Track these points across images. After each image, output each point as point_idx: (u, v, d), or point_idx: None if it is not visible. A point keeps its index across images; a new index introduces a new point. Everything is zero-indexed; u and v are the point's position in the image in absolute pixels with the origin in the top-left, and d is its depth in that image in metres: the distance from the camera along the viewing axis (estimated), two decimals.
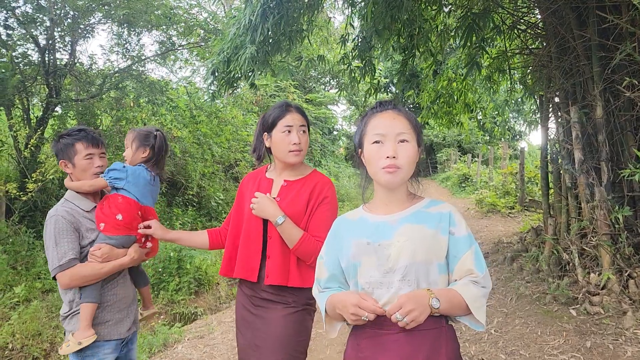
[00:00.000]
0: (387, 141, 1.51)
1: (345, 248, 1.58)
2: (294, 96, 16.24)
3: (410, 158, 1.53)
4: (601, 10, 4.61)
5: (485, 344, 3.92)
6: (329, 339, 4.56)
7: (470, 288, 1.47)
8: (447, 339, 1.50)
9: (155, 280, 6.76)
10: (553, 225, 5.57)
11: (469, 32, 5.21)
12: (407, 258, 1.46)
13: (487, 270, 1.53)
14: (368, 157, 1.56)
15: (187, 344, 4.90)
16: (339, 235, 1.65)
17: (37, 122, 8.53)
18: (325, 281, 1.65)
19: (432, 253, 1.49)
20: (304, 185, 2.22)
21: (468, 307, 1.45)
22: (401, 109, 1.59)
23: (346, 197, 16.42)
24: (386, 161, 1.50)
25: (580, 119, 4.95)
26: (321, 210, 2.18)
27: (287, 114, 2.23)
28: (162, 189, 10.53)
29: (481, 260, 1.52)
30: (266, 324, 2.16)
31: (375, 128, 1.54)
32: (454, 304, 1.45)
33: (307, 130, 2.29)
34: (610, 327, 3.75)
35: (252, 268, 2.19)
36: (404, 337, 1.46)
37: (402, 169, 1.51)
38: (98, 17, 9.29)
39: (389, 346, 1.48)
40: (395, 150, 1.50)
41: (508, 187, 12.32)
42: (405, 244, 1.48)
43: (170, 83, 11.63)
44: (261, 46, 5.34)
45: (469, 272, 1.50)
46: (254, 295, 2.23)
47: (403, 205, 1.59)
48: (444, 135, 28.31)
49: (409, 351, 1.45)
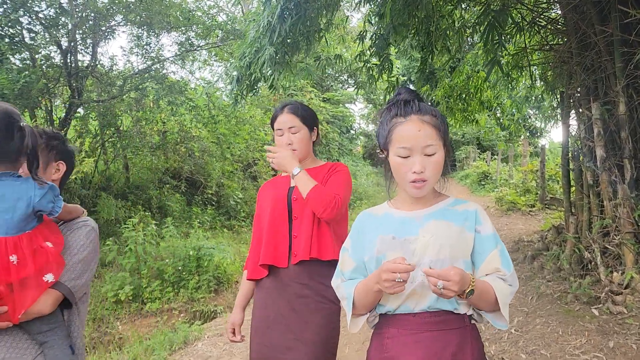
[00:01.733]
0: (413, 155, 1.48)
1: (370, 242, 1.57)
2: (312, 95, 16.26)
3: (437, 169, 1.51)
4: (623, 5, 4.52)
5: (505, 344, 3.89)
6: (347, 337, 4.56)
7: (499, 283, 1.46)
8: (472, 338, 1.50)
9: (175, 279, 6.86)
10: (574, 223, 5.48)
11: (490, 29, 5.14)
12: (432, 254, 1.46)
13: (514, 270, 1.51)
14: (394, 168, 1.54)
15: (207, 341, 4.96)
16: (363, 230, 1.64)
17: (59, 123, 8.71)
18: (350, 272, 1.61)
19: (458, 250, 1.48)
20: (320, 171, 2.26)
21: (496, 301, 1.43)
22: (426, 110, 1.53)
23: (364, 195, 16.42)
24: (413, 176, 1.48)
25: (602, 116, 4.86)
26: (335, 176, 2.22)
27: (278, 117, 2.29)
28: (181, 188, 10.72)
29: (508, 259, 1.51)
30: (300, 323, 2.10)
31: (401, 140, 1.50)
32: (484, 296, 1.43)
33: (306, 128, 2.29)
34: (633, 327, 3.69)
35: (282, 252, 2.15)
36: (430, 336, 1.46)
37: (429, 182, 1.50)
38: (118, 19, 9.43)
39: (414, 346, 1.47)
40: (422, 165, 1.47)
41: (528, 184, 12.16)
42: (431, 240, 1.47)
43: (189, 83, 11.75)
44: (280, 47, 5.37)
45: (495, 270, 1.48)
46: (282, 287, 2.14)
47: (428, 202, 1.58)
48: (463, 132, 28.03)
49: (435, 350, 1.45)
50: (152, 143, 10.75)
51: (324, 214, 2.06)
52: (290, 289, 2.12)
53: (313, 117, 2.36)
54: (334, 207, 2.05)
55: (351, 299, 1.55)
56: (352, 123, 23.58)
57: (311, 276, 2.12)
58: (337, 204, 2.07)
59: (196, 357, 4.58)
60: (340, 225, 2.23)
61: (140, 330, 5.95)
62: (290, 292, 2.12)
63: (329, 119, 17.89)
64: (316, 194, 2.08)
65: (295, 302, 2.11)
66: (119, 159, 10.77)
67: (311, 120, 2.33)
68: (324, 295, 2.11)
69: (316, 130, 2.38)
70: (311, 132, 2.33)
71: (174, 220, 8.75)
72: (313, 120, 2.35)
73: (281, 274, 2.15)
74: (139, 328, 6.02)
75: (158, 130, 11.00)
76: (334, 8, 5.88)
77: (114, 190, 9.81)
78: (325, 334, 2.13)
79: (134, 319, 6.22)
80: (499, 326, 1.51)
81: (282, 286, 2.14)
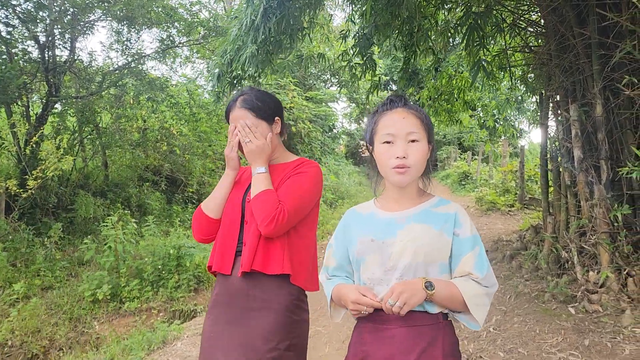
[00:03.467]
0: (397, 141, 1.53)
1: (352, 244, 1.63)
2: (294, 93, 16.22)
3: (420, 157, 1.55)
4: (601, 8, 4.60)
5: (483, 342, 3.93)
6: (328, 336, 4.57)
7: (470, 284, 1.50)
8: (445, 333, 1.53)
9: (155, 278, 6.77)
10: (552, 223, 5.57)
11: (470, 32, 5.19)
12: (408, 257, 1.49)
13: (491, 272, 1.53)
14: (378, 157, 1.58)
15: (187, 341, 4.91)
16: (348, 228, 1.69)
17: (36, 119, 8.54)
18: (333, 269, 1.71)
19: (435, 254, 1.51)
20: (286, 168, 2.04)
21: (465, 302, 1.47)
22: (412, 106, 1.59)
23: (346, 194, 16.45)
24: (396, 161, 1.52)
25: (580, 117, 4.94)
26: (296, 178, 1.97)
27: (231, 112, 2.06)
28: (161, 186, 10.60)
29: (483, 261, 1.53)
30: (248, 337, 1.86)
31: (385, 127, 1.55)
32: (451, 296, 1.48)
33: (264, 122, 2.03)
34: (608, 325, 3.75)
35: (228, 259, 1.95)
36: (403, 331, 1.50)
37: (412, 169, 1.53)
38: (98, 14, 9.28)
39: (388, 340, 1.51)
40: (405, 151, 1.52)
41: (508, 185, 12.31)
42: (408, 244, 1.50)
43: (170, 80, 11.63)
44: (262, 45, 5.34)
45: (467, 273, 1.52)
46: (230, 299, 1.93)
47: (413, 201, 1.62)
48: (444, 133, 28.30)
49: (407, 345, 1.49)
50: (132, 140, 10.60)
51: (261, 227, 1.84)
52: (237, 300, 1.92)
53: (272, 106, 2.08)
54: (273, 221, 1.82)
55: (329, 297, 1.67)
56: (334, 122, 23.56)
57: (257, 287, 1.90)
58: (279, 220, 1.82)
59: (175, 356, 4.53)
60: (302, 233, 2.00)
61: (118, 330, 5.86)
62: (237, 304, 1.92)
63: (311, 117, 17.84)
64: (259, 203, 1.87)
65: (241, 316, 1.90)
66: (97, 156, 10.60)
67: (270, 111, 2.06)
68: (271, 303, 1.89)
69: (279, 120, 2.11)
70: (271, 124, 2.06)
71: (154, 219, 8.64)
72: (273, 110, 2.08)
73: (228, 283, 1.96)
74: (116, 328, 5.93)
75: (138, 128, 10.86)
76: (316, 7, 5.86)
77: (92, 188, 9.65)
78: (277, 339, 1.85)
79: (111, 319, 6.12)
80: (471, 327, 1.54)
81: (229, 297, 1.94)
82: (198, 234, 2.10)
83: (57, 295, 6.27)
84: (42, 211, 8.02)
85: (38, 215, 7.90)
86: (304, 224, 2.00)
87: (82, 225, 8.53)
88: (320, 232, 11.09)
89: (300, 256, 1.97)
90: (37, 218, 7.87)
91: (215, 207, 2.06)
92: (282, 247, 1.90)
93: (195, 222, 2.10)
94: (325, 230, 11.23)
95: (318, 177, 2.03)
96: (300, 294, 1.98)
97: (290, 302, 1.91)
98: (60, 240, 7.70)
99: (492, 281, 1.53)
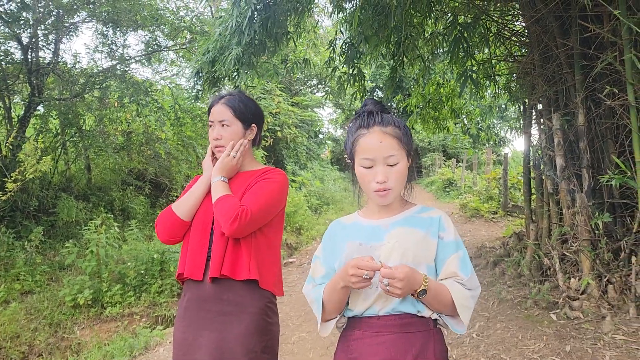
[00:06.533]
0: (376, 165, 1.54)
1: (340, 249, 1.62)
2: (280, 99, 16.21)
3: (400, 177, 1.56)
4: (583, 20, 4.68)
5: (467, 348, 3.95)
6: (312, 342, 4.55)
7: (456, 286, 1.51)
8: (436, 341, 1.54)
9: (137, 282, 6.69)
10: (535, 230, 5.63)
11: (456, 44, 5.24)
12: (396, 259, 1.50)
13: (474, 275, 1.56)
14: (360, 177, 1.59)
15: (169, 346, 4.86)
16: (334, 238, 1.69)
17: (18, 120, 8.41)
18: (321, 278, 1.68)
19: (421, 255, 1.53)
20: (251, 175, 2.06)
21: (453, 304, 1.48)
22: (388, 121, 1.57)
23: (331, 200, 16.44)
24: (377, 185, 1.54)
25: (562, 126, 5.02)
26: (261, 184, 1.99)
27: (212, 107, 2.07)
28: (145, 190, 10.49)
29: (467, 264, 1.55)
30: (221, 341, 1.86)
31: (363, 151, 1.55)
32: (441, 298, 1.49)
33: (240, 123, 2.06)
34: (589, 332, 3.80)
35: (198, 265, 1.95)
36: (394, 338, 1.50)
37: (393, 190, 1.56)
38: (83, 16, 9.19)
39: (377, 347, 1.51)
40: (385, 175, 1.53)
41: (491, 192, 12.44)
42: (396, 245, 1.52)
43: (155, 84, 11.53)
44: (247, 47, 5.33)
45: (453, 274, 1.53)
46: (201, 305, 1.93)
47: (396, 210, 1.65)
48: (429, 140, 28.50)
49: (397, 352, 1.49)
50: (115, 144, 10.49)
51: (225, 227, 1.85)
52: (210, 305, 1.91)
53: (253, 112, 2.10)
54: (236, 220, 1.82)
55: (320, 301, 1.59)
56: (320, 127, 23.63)
57: (230, 291, 1.91)
58: (242, 218, 1.83)
59: None
60: (268, 240, 2.01)
61: (99, 336, 5.78)
62: (210, 308, 1.91)
63: (297, 123, 17.86)
64: (221, 204, 1.89)
65: (215, 320, 1.90)
66: (80, 159, 10.46)
67: (249, 115, 2.08)
68: (246, 307, 1.91)
69: (255, 128, 2.13)
70: (247, 130, 2.09)
71: (137, 223, 8.55)
72: (252, 116, 2.09)
73: (199, 289, 1.95)
74: (98, 333, 5.84)
75: (122, 131, 10.75)
76: (302, 13, 5.87)
77: (74, 191, 9.51)
78: (253, 342, 1.88)
79: (93, 324, 6.03)
80: (457, 331, 1.55)
81: (201, 303, 1.94)
82: (164, 235, 2.06)
83: (37, 300, 6.16)
84: (22, 214, 7.88)
85: (18, 219, 7.76)
86: (269, 230, 2.02)
87: (63, 229, 8.40)
88: (304, 238, 11.07)
89: (267, 262, 1.99)
90: (17, 221, 7.73)
91: (188, 210, 2.04)
92: (248, 253, 1.92)
93: (162, 222, 2.06)
94: (309, 236, 11.21)
95: (284, 184, 2.05)
96: (272, 298, 2.01)
97: (264, 305, 1.95)
98: (41, 244, 7.57)
99: (476, 284, 1.55)
